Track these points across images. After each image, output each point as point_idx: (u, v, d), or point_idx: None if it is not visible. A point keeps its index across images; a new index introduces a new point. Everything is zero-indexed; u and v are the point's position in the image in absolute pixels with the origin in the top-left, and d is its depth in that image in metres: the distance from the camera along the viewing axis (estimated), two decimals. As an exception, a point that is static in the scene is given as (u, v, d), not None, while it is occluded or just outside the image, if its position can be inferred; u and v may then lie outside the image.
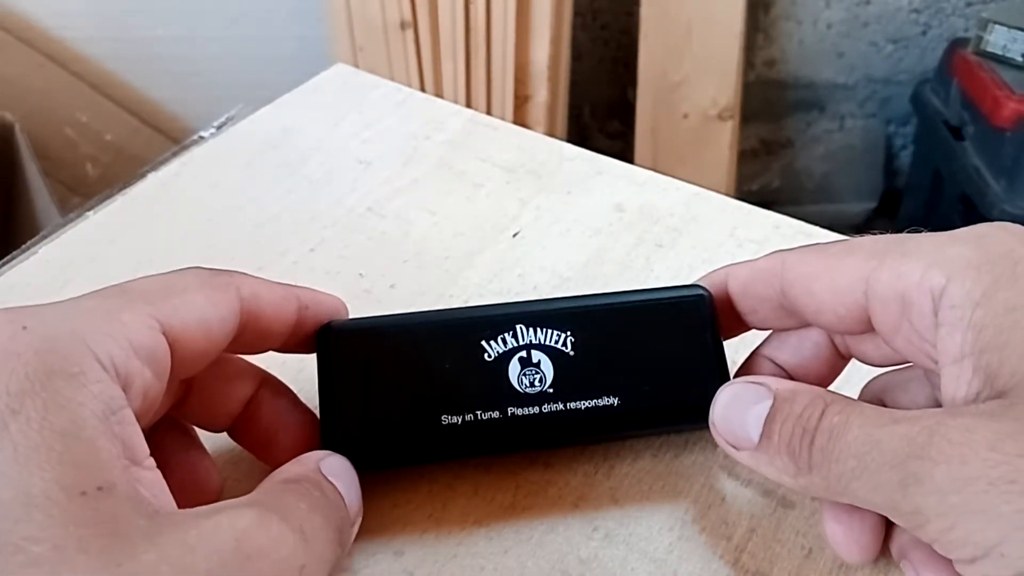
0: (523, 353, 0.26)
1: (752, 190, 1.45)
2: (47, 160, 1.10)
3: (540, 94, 1.12)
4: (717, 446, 0.24)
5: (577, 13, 1.20)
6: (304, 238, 0.37)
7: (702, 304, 0.27)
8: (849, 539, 0.23)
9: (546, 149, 0.42)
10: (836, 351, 0.26)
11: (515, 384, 0.26)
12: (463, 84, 1.10)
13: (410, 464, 0.27)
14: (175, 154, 0.42)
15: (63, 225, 0.38)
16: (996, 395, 0.20)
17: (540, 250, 0.37)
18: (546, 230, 0.38)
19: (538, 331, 0.26)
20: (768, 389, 0.23)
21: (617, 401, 0.26)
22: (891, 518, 0.20)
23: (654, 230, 0.37)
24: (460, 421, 0.25)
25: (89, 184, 1.18)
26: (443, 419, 0.25)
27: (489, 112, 1.03)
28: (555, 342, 0.26)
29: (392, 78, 0.66)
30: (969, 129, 1.09)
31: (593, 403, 0.26)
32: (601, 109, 1.42)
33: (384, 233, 0.37)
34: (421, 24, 1.07)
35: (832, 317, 0.24)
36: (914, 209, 1.29)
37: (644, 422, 0.27)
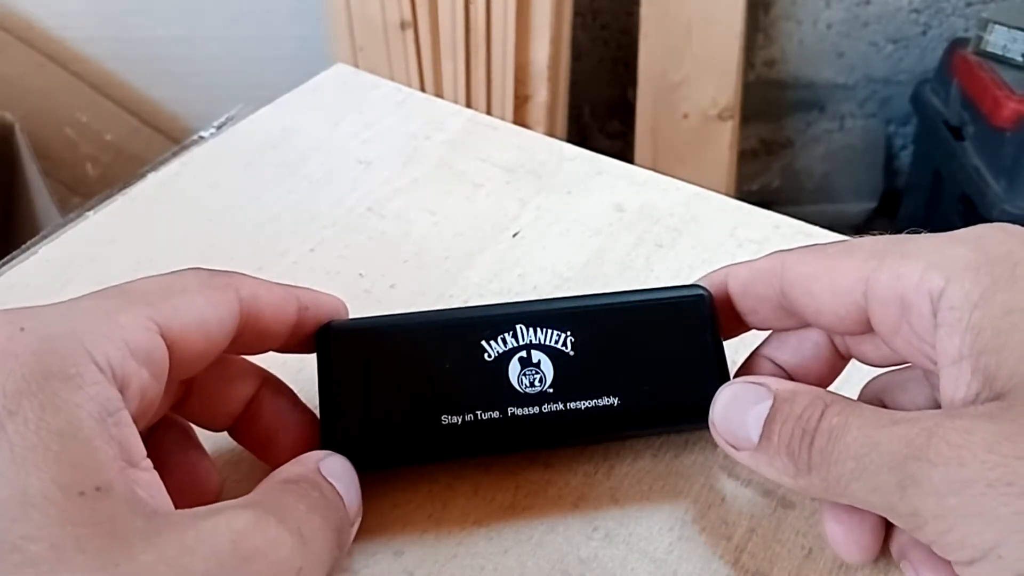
0: (523, 353, 0.26)
1: (752, 190, 1.45)
2: (47, 160, 1.10)
3: (540, 94, 1.12)
4: (717, 446, 0.24)
5: (577, 13, 1.20)
6: (304, 238, 0.37)
7: (702, 304, 0.27)
8: (849, 539, 0.23)
9: (546, 149, 0.42)
10: (836, 351, 0.26)
11: (515, 384, 0.26)
12: (463, 84, 1.10)
13: (410, 464, 0.27)
14: (175, 154, 0.42)
15: (63, 225, 0.38)
16: (994, 397, 0.20)
17: (540, 250, 0.37)
18: (546, 230, 0.38)
19: (538, 331, 0.26)
20: (768, 389, 0.23)
21: (617, 401, 0.26)
22: (890, 519, 0.20)
23: (654, 230, 0.37)
24: (460, 421, 0.25)
25: (89, 184, 1.18)
26: (443, 419, 0.25)
27: (489, 112, 1.03)
28: (555, 342, 0.26)
29: (392, 78, 0.66)
30: (969, 129, 1.09)
31: (593, 403, 0.26)
32: (601, 109, 1.42)
33: (384, 233, 0.37)
34: (421, 24, 1.07)
35: (832, 318, 0.24)
36: (914, 209, 1.29)
37: (644, 422, 0.27)
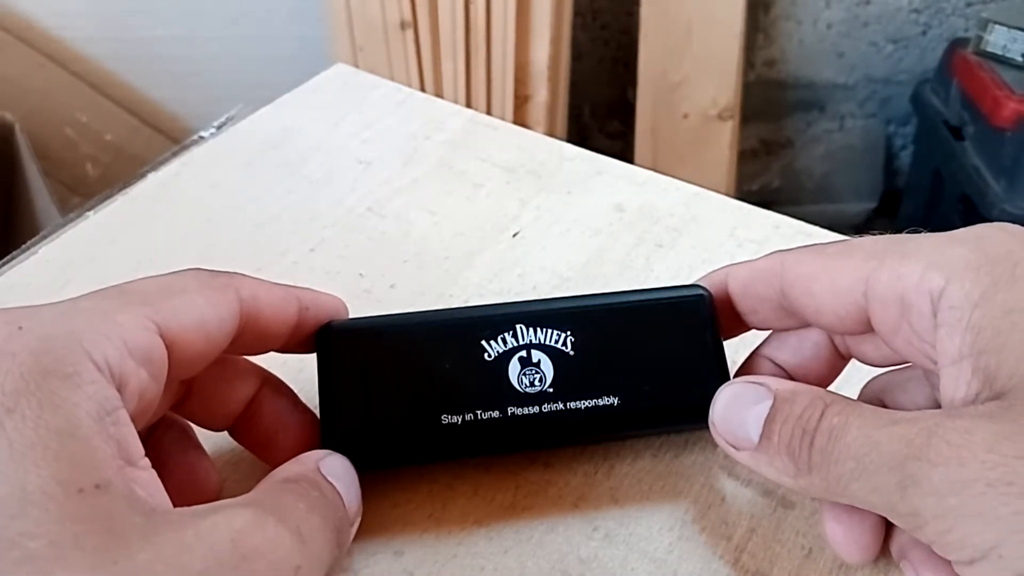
0: (523, 353, 0.26)
1: (752, 190, 1.45)
2: (47, 160, 1.10)
3: (540, 94, 1.12)
4: (717, 446, 0.24)
5: (577, 13, 1.20)
6: (304, 238, 0.37)
7: (702, 304, 0.27)
8: (849, 539, 0.23)
9: (546, 149, 0.42)
10: (836, 351, 0.26)
11: (515, 384, 0.26)
12: (463, 84, 1.10)
13: (410, 464, 0.27)
14: (175, 154, 0.42)
15: (63, 225, 0.38)
16: (995, 396, 0.20)
17: (540, 250, 0.37)
18: (546, 230, 0.38)
19: (538, 331, 0.26)
20: (768, 389, 0.23)
21: (617, 401, 0.26)
22: (890, 519, 0.20)
23: (654, 230, 0.37)
24: (460, 421, 0.25)
25: (89, 184, 1.18)
26: (443, 419, 0.25)
27: (489, 112, 1.03)
28: (555, 342, 0.26)
29: (392, 78, 0.66)
30: (969, 129, 1.09)
31: (593, 403, 0.26)
32: (601, 109, 1.42)
33: (384, 233, 0.37)
34: (421, 24, 1.07)
35: (832, 318, 0.24)
36: (914, 209, 1.29)
37: (644, 422, 0.26)
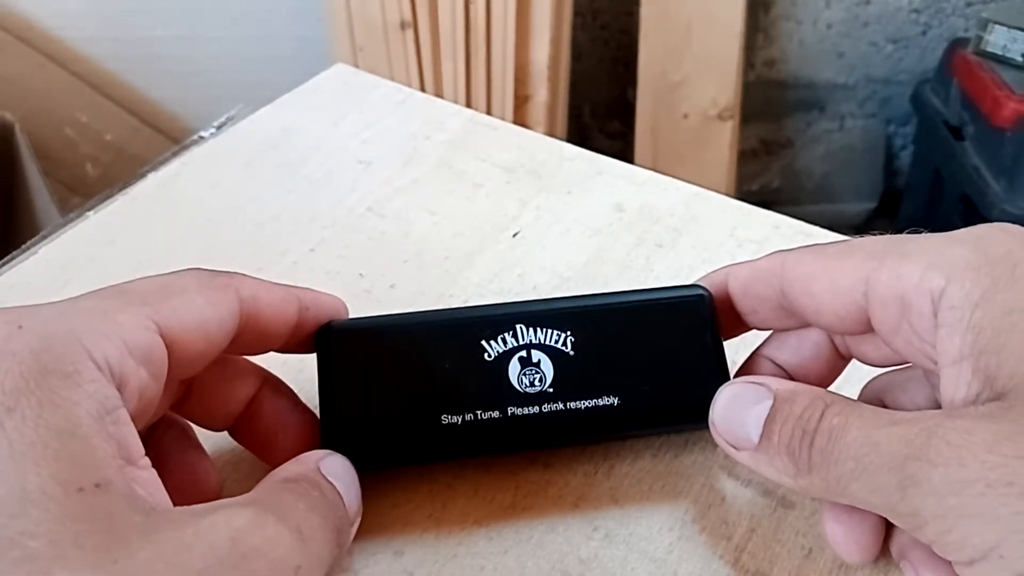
0: (523, 353, 0.26)
1: (752, 190, 1.45)
2: (47, 160, 1.10)
3: (540, 94, 1.12)
4: (717, 446, 0.24)
5: (577, 13, 1.20)
6: (304, 238, 0.37)
7: (702, 304, 0.27)
8: (849, 539, 0.23)
9: (546, 149, 0.42)
10: (836, 351, 0.26)
11: (515, 384, 0.26)
12: (463, 84, 1.10)
13: (410, 464, 0.27)
14: (175, 154, 0.42)
15: (63, 225, 0.38)
16: (995, 397, 0.20)
17: (540, 250, 0.37)
18: (546, 230, 0.38)
19: (538, 331, 0.26)
20: (768, 389, 0.23)
21: (617, 401, 0.26)
22: (890, 519, 0.20)
23: (654, 230, 0.37)
24: (460, 421, 0.25)
25: (89, 184, 1.18)
26: (443, 419, 0.25)
27: (489, 112, 1.03)
28: (555, 342, 0.26)
29: (392, 78, 0.66)
30: (969, 129, 1.09)
31: (593, 403, 0.26)
32: (601, 109, 1.42)
33: (384, 233, 0.37)
34: (421, 24, 1.07)
35: (832, 318, 0.24)
36: (914, 209, 1.29)
37: (644, 422, 0.26)
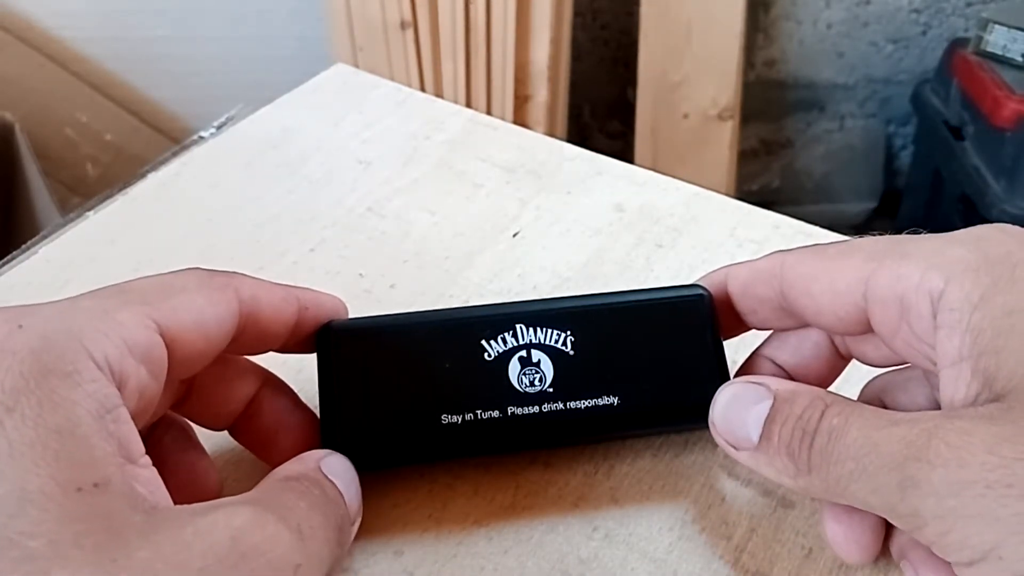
0: (523, 352, 0.26)
1: (752, 190, 1.45)
2: (47, 160, 1.10)
3: (540, 94, 1.12)
4: (717, 446, 0.24)
5: (577, 13, 1.20)
6: (304, 238, 0.37)
7: (702, 304, 0.27)
8: (849, 539, 0.23)
9: (546, 149, 0.42)
10: (836, 351, 0.26)
11: (515, 383, 0.26)
12: (463, 84, 1.10)
13: (410, 464, 0.27)
14: (175, 154, 0.42)
15: (63, 225, 0.38)
16: (994, 398, 0.20)
17: (540, 250, 0.37)
18: (546, 230, 0.38)
19: (538, 331, 0.26)
20: (768, 389, 0.23)
21: (617, 401, 0.26)
22: (890, 520, 0.20)
23: (654, 230, 0.37)
24: (460, 420, 0.25)
25: (89, 184, 1.18)
26: (443, 418, 0.25)
27: (489, 112, 1.03)
28: (555, 342, 0.26)
29: (392, 78, 0.66)
30: (969, 129, 1.09)
31: (593, 402, 0.26)
32: (601, 109, 1.42)
33: (384, 233, 0.37)
34: (421, 24, 1.07)
35: (831, 318, 0.24)
36: (914, 209, 1.29)
37: (644, 422, 0.27)
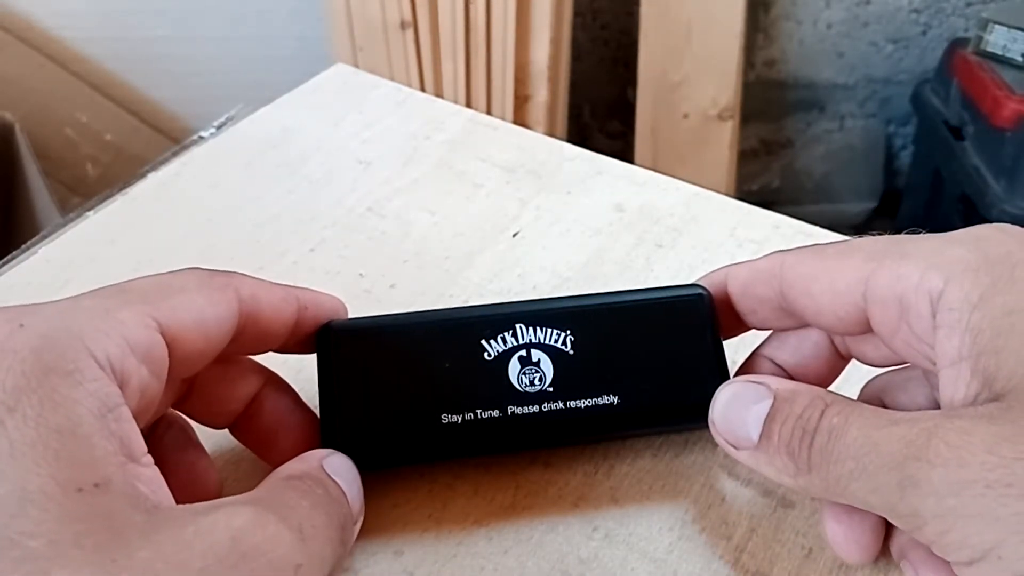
0: (523, 352, 0.26)
1: (752, 190, 1.45)
2: (47, 160, 1.10)
3: (540, 94, 1.12)
4: (717, 446, 0.24)
5: (577, 13, 1.20)
6: (304, 238, 0.37)
7: (701, 304, 0.27)
8: (849, 539, 0.23)
9: (546, 149, 0.42)
10: (836, 351, 0.26)
11: (515, 383, 0.26)
12: (463, 84, 1.10)
13: (410, 463, 0.27)
14: (175, 154, 0.42)
15: (63, 225, 0.38)
16: (994, 398, 0.20)
17: (540, 250, 0.37)
18: (546, 230, 0.38)
19: (538, 330, 0.26)
20: (768, 389, 0.23)
21: (617, 400, 0.26)
22: (889, 519, 0.20)
23: (654, 230, 0.37)
24: (460, 420, 0.25)
25: (89, 184, 1.18)
26: (443, 418, 0.25)
27: (489, 112, 1.03)
28: (555, 341, 0.26)
29: (392, 78, 0.66)
30: (969, 129, 1.09)
31: (593, 402, 0.26)
32: (601, 109, 1.42)
33: (384, 233, 0.37)
34: (421, 24, 1.07)
35: (831, 318, 0.24)
36: (914, 209, 1.29)
37: (644, 421, 0.27)
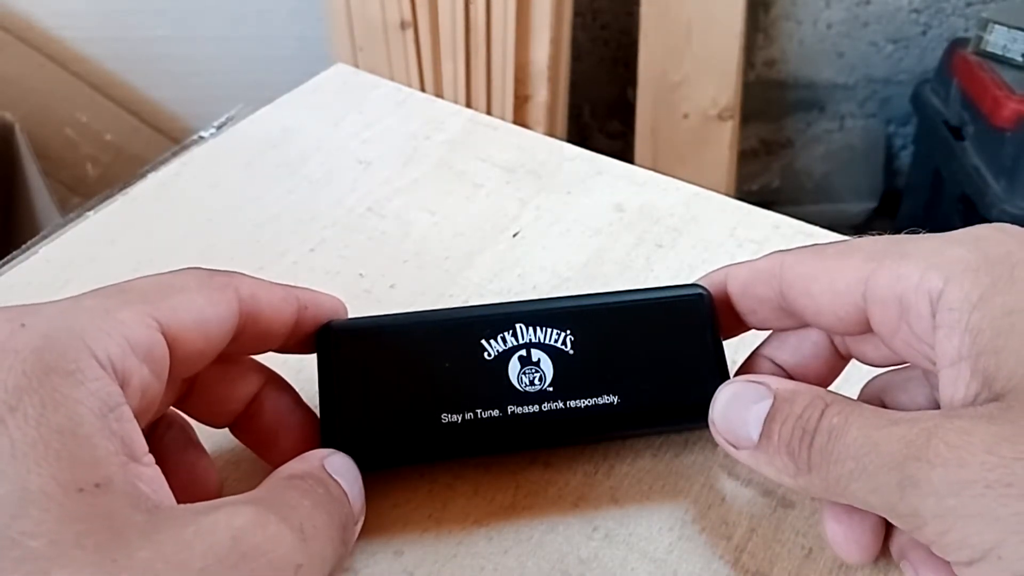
0: (523, 352, 0.26)
1: (752, 190, 1.45)
2: (47, 160, 1.10)
3: (540, 94, 1.12)
4: (717, 446, 0.24)
5: (577, 13, 1.20)
6: (304, 238, 0.37)
7: (701, 304, 0.27)
8: (849, 539, 0.23)
9: (546, 149, 0.42)
10: (836, 351, 0.26)
11: (515, 383, 0.26)
12: (463, 84, 1.10)
13: (410, 463, 0.27)
14: (175, 154, 0.42)
15: (63, 225, 0.38)
16: (994, 398, 0.20)
17: (540, 250, 0.37)
18: (546, 230, 0.38)
19: (538, 330, 0.26)
20: (768, 388, 0.23)
21: (617, 400, 0.26)
22: (889, 520, 0.20)
23: (654, 230, 0.37)
24: (460, 420, 0.25)
25: (89, 184, 1.18)
26: (443, 418, 0.25)
27: (489, 112, 1.03)
28: (555, 341, 0.26)
29: (392, 78, 0.66)
30: (969, 129, 1.09)
31: (593, 402, 0.26)
32: (601, 109, 1.42)
33: (384, 233, 0.37)
34: (421, 24, 1.07)
35: (831, 318, 0.24)
36: (914, 209, 1.29)
37: (644, 421, 0.27)
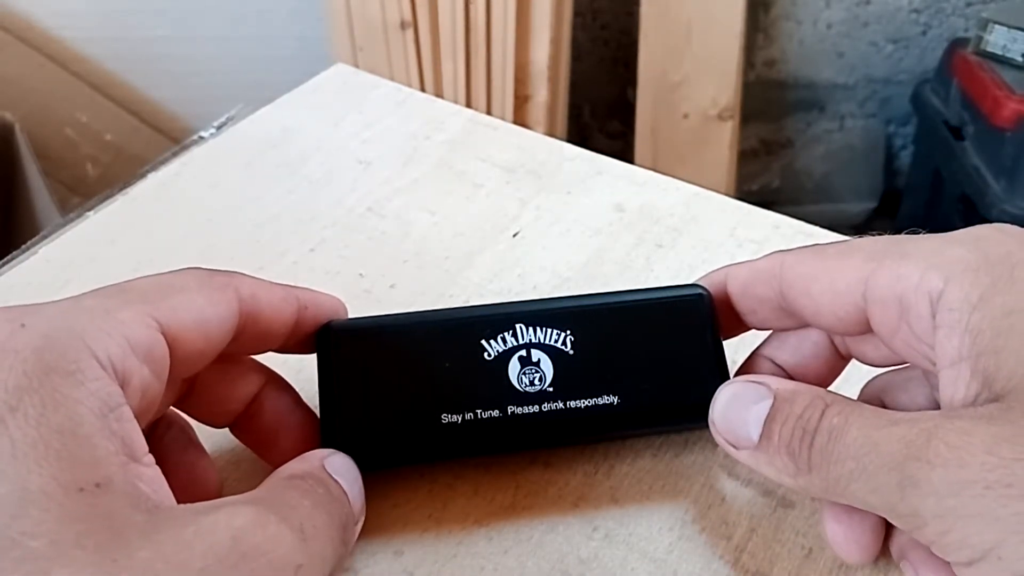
0: (523, 352, 0.26)
1: (752, 190, 1.45)
2: (47, 160, 1.10)
3: (540, 94, 1.12)
4: (717, 446, 0.24)
5: (577, 13, 1.20)
6: (304, 238, 0.37)
7: (701, 304, 0.27)
8: (849, 539, 0.23)
9: (546, 149, 0.42)
10: (836, 351, 0.26)
11: (515, 383, 0.26)
12: (463, 84, 1.10)
13: (410, 463, 0.27)
14: (175, 154, 0.42)
15: (63, 225, 0.38)
16: (993, 398, 0.20)
17: (540, 250, 0.37)
18: (546, 230, 0.38)
19: (538, 330, 0.26)
20: (768, 389, 0.23)
21: (617, 400, 0.26)
22: (889, 520, 0.20)
23: (654, 230, 0.37)
24: (460, 420, 0.25)
25: (89, 184, 1.18)
26: (443, 418, 0.25)
27: (489, 112, 1.03)
28: (555, 341, 0.26)
29: (392, 78, 0.66)
30: (969, 129, 1.09)
31: (593, 402, 0.26)
32: (601, 109, 1.42)
33: (384, 233, 0.37)
34: (421, 24, 1.07)
35: (831, 318, 0.24)
36: (914, 209, 1.29)
37: (644, 421, 0.27)
